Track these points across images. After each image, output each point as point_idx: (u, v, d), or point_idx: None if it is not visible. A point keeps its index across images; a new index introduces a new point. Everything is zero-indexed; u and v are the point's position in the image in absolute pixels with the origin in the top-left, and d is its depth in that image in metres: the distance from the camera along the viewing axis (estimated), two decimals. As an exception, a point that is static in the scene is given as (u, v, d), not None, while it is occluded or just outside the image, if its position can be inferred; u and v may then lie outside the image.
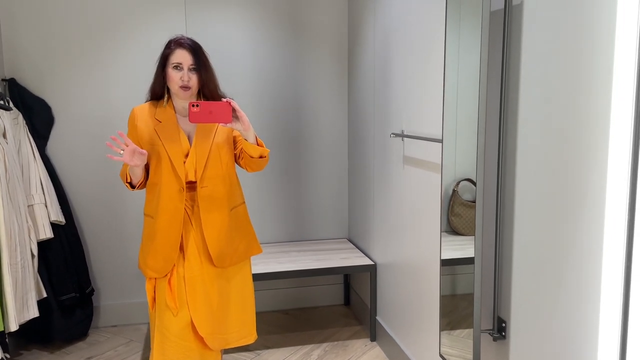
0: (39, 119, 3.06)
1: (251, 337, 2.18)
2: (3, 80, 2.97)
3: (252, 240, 2.17)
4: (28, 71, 3.08)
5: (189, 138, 2.00)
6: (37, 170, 2.85)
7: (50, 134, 3.13)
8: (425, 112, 2.33)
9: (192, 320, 2.01)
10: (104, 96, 3.18)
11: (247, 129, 1.90)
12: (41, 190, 2.84)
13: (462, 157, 1.87)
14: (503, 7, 1.61)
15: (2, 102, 2.74)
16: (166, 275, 2.01)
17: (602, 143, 1.27)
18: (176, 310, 1.99)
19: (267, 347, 3.00)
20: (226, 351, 2.94)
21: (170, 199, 1.97)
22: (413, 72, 2.43)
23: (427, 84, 2.29)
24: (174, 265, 2.01)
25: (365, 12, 3.09)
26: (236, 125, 1.88)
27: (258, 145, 1.98)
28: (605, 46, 1.24)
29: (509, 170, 1.68)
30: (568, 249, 1.41)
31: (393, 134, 2.59)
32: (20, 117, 2.89)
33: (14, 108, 2.88)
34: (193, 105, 1.82)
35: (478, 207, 1.66)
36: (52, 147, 3.15)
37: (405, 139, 2.54)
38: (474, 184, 1.80)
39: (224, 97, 1.97)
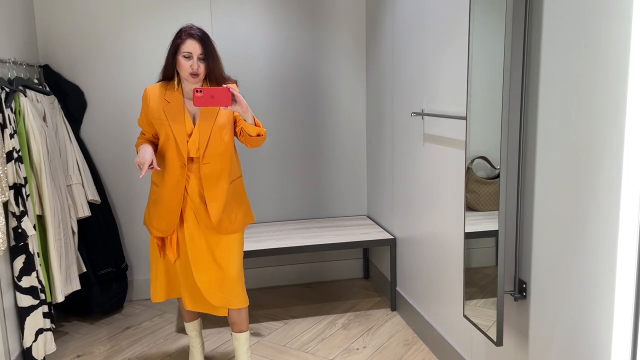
0: (73, 104, 3.21)
1: (245, 302, 2.34)
2: (39, 66, 3.12)
3: (248, 210, 2.40)
4: (61, 58, 3.23)
5: (194, 119, 2.22)
6: (74, 152, 3.02)
7: (84, 117, 3.29)
8: (444, 90, 2.41)
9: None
10: (133, 81, 3.31)
11: (245, 111, 2.10)
12: (78, 171, 3.01)
13: (477, 135, 1.96)
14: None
15: (41, 87, 2.89)
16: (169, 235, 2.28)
17: (619, 116, 1.36)
18: (174, 258, 2.28)
19: (294, 317, 3.17)
20: (255, 320, 3.11)
21: (173, 173, 2.21)
22: (432, 51, 2.51)
23: (446, 62, 2.37)
24: (176, 229, 2.26)
25: (383, -7, 3.14)
26: (235, 108, 2.08)
27: (256, 125, 2.19)
28: (624, 27, 1.33)
29: (530, 144, 1.77)
30: (586, 213, 1.51)
31: (414, 112, 2.67)
32: (56, 101, 3.04)
33: (50, 93, 3.03)
34: (197, 91, 2.02)
35: (502, 175, 1.74)
36: (85, 130, 3.31)
37: (425, 117, 2.63)
38: (488, 161, 1.89)
39: (230, 79, 2.22)
